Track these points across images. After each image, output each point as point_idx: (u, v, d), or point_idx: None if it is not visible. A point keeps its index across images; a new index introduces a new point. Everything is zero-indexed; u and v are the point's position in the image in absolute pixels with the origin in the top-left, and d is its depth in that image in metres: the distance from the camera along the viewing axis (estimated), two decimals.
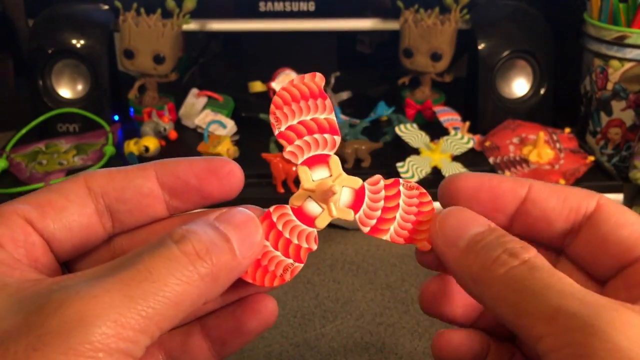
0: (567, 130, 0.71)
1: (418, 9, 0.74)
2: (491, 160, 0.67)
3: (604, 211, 0.23)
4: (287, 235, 0.25)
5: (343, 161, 0.66)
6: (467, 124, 0.72)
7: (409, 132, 0.69)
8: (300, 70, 0.79)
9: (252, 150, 0.68)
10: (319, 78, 0.26)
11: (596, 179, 0.64)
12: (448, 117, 0.74)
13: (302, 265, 0.25)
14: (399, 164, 0.63)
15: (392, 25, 0.77)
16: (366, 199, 0.25)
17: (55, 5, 0.75)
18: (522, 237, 0.23)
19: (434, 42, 0.73)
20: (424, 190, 0.26)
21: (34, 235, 0.22)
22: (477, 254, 0.22)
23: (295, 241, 0.25)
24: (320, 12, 0.77)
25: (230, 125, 0.73)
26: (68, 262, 0.25)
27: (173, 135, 0.73)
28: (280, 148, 0.66)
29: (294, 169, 0.58)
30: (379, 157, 0.67)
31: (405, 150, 0.67)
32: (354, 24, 0.79)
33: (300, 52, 0.82)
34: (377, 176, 0.26)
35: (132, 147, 0.67)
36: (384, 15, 0.78)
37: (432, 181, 0.63)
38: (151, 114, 0.73)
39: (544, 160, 0.66)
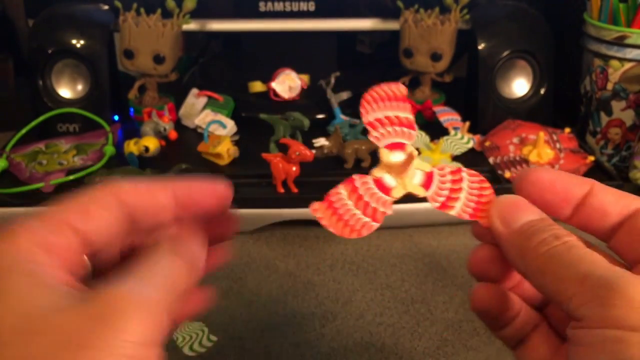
0: (567, 130, 0.71)
1: (418, 9, 0.74)
2: (491, 160, 0.68)
3: None
4: (366, 198, 0.29)
5: (343, 161, 0.67)
6: (467, 124, 0.72)
7: None
8: (301, 70, 0.79)
9: (252, 150, 0.68)
10: (402, 87, 0.31)
11: (596, 178, 0.64)
12: (448, 117, 0.74)
13: (377, 225, 0.28)
14: None
15: (392, 25, 0.77)
16: (436, 181, 0.30)
17: (55, 5, 0.75)
18: (580, 228, 0.28)
19: (434, 42, 0.73)
20: (484, 178, 0.30)
21: (76, 242, 0.25)
22: (527, 235, 0.26)
23: (374, 204, 0.28)
24: (320, 12, 0.77)
25: (230, 125, 0.73)
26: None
27: (173, 135, 0.73)
28: (280, 148, 0.66)
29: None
30: (379, 157, 0.67)
31: None
32: (354, 24, 0.79)
33: (300, 52, 0.82)
34: (444, 164, 0.31)
35: (132, 147, 0.67)
36: (384, 15, 0.78)
37: None
38: (151, 114, 0.73)
39: (544, 160, 0.66)
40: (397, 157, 0.30)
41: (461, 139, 0.69)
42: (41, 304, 0.22)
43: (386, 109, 0.30)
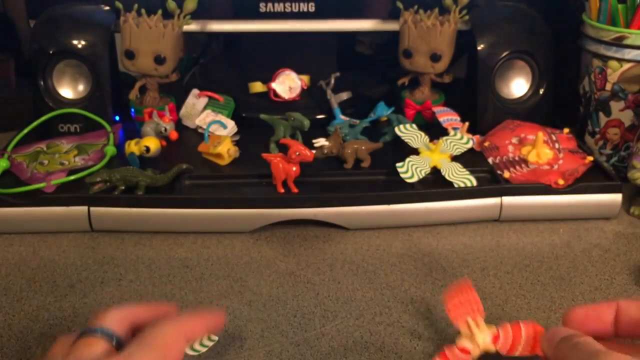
0: (566, 130, 0.72)
1: (417, 10, 0.74)
2: (490, 160, 0.68)
3: None
4: None
5: (343, 161, 0.67)
6: (467, 124, 0.72)
7: (409, 133, 0.69)
8: (301, 71, 0.80)
9: (252, 151, 0.68)
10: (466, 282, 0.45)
11: (595, 179, 0.65)
12: (447, 117, 0.74)
13: None
14: (398, 164, 0.63)
15: (391, 26, 0.77)
16: (501, 337, 0.42)
17: (56, 6, 0.76)
18: (628, 337, 0.37)
19: (434, 43, 0.73)
20: (537, 324, 0.42)
21: None
22: (565, 346, 0.34)
23: None
24: (320, 13, 0.77)
25: (231, 126, 0.74)
26: None
27: (174, 135, 0.73)
28: (281, 148, 0.66)
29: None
30: (378, 157, 0.67)
31: (405, 151, 0.67)
32: (353, 24, 0.79)
33: (300, 52, 0.82)
34: (507, 328, 0.42)
35: (133, 147, 0.67)
36: (384, 16, 0.78)
37: (432, 181, 0.64)
38: (152, 114, 0.73)
39: (542, 160, 0.66)
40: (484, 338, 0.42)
41: (460, 139, 0.69)
42: None
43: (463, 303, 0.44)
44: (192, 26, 0.75)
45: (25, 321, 0.50)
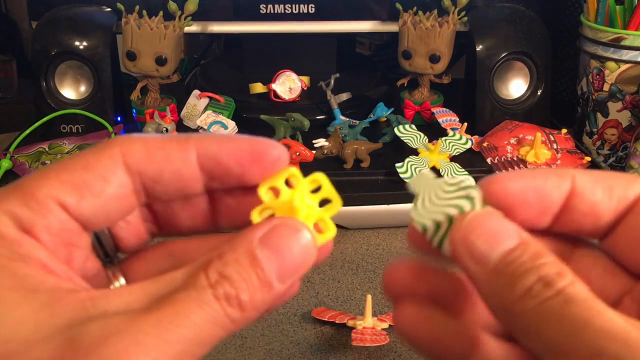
0: (564, 131, 0.72)
1: (417, 11, 0.74)
2: (489, 160, 0.68)
3: None
4: None
5: (342, 161, 0.67)
6: (465, 125, 0.73)
7: (408, 133, 0.69)
8: (301, 71, 0.80)
9: None
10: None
11: None
12: (446, 118, 0.75)
13: None
14: (397, 165, 0.64)
15: (391, 27, 0.78)
16: None
17: (58, 7, 0.76)
18: (563, 233, 0.22)
19: (433, 44, 0.73)
20: None
21: (71, 222, 0.20)
22: (507, 279, 0.19)
23: None
24: (320, 15, 0.77)
25: (232, 126, 0.74)
26: (117, 252, 0.24)
27: None
28: None
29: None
30: (378, 158, 0.68)
31: (404, 151, 0.67)
32: (353, 26, 0.79)
33: (300, 54, 0.83)
34: None
35: None
36: (383, 18, 0.78)
37: None
38: (153, 115, 0.74)
39: (541, 160, 0.67)
40: None
41: (459, 140, 0.69)
42: (19, 331, 0.18)
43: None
44: (193, 27, 0.76)
45: None
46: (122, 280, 0.23)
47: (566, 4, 0.81)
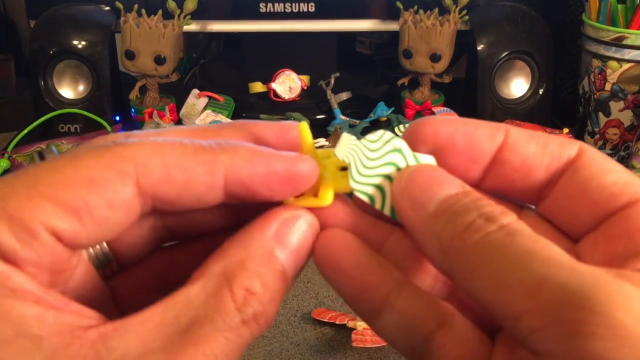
0: (566, 130, 0.72)
1: (417, 10, 0.74)
2: None
3: (586, 157, 0.20)
4: None
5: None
6: None
7: None
8: (301, 71, 0.80)
9: None
10: None
11: None
12: (447, 117, 0.75)
13: None
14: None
15: (391, 26, 0.77)
16: None
17: (56, 6, 0.76)
18: (496, 191, 0.21)
19: (433, 43, 0.73)
20: None
21: (64, 250, 0.18)
22: (448, 218, 0.18)
23: None
24: (320, 13, 0.77)
25: None
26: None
27: None
28: None
29: None
30: None
31: None
32: (353, 25, 0.79)
33: (300, 53, 0.82)
34: None
35: None
36: (384, 17, 0.78)
37: None
38: (152, 114, 0.74)
39: None
40: None
41: None
42: None
43: None
44: (192, 26, 0.75)
45: None
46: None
47: (568, 3, 0.81)
